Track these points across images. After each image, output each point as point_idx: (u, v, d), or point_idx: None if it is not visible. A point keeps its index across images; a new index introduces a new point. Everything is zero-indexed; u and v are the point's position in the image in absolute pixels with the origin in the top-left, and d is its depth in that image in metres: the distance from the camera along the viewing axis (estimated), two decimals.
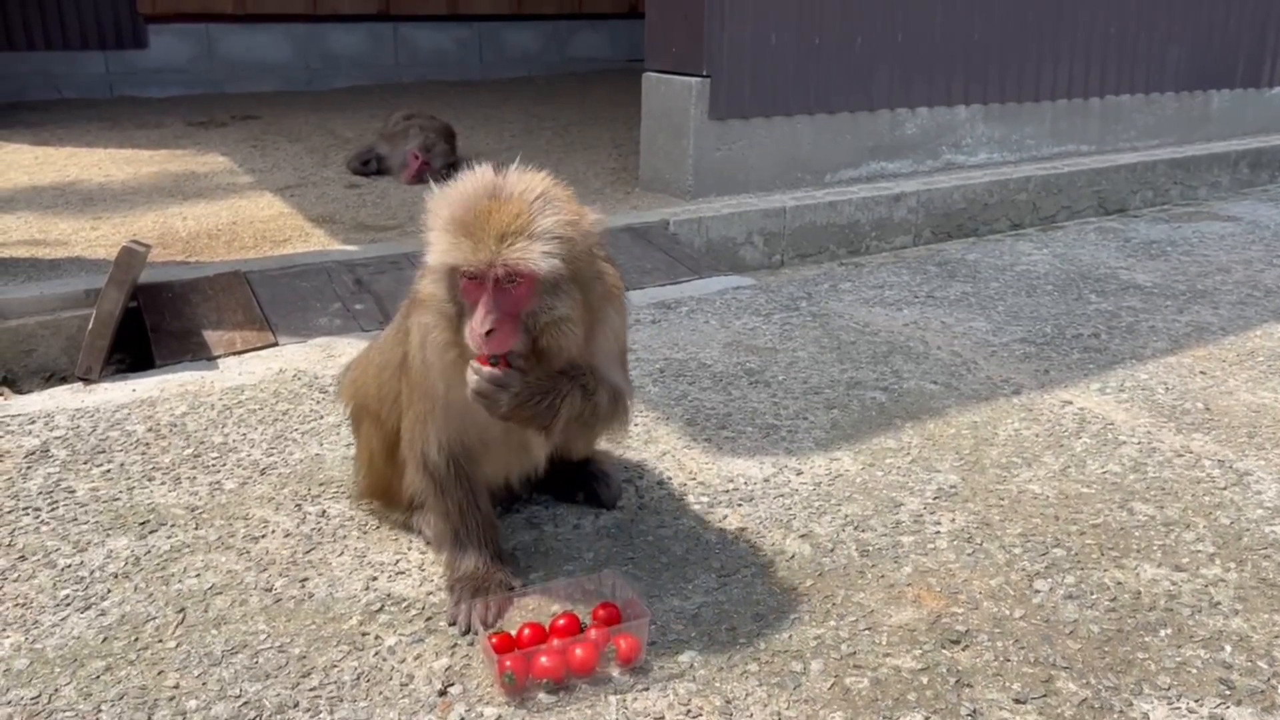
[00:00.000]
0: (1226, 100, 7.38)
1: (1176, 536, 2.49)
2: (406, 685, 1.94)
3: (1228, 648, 2.08)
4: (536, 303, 1.98)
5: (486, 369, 1.98)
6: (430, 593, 2.23)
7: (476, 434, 2.21)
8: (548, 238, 1.93)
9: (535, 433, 2.14)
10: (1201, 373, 3.53)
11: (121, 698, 1.90)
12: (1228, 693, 1.95)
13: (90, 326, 3.42)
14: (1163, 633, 2.12)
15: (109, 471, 2.75)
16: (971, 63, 6.09)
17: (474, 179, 2.01)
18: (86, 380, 3.34)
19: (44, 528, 2.48)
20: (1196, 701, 1.92)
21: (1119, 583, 2.29)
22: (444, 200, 2.01)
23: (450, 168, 6.16)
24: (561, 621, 2.01)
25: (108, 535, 2.44)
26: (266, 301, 3.97)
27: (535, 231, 1.93)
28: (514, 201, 1.95)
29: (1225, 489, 2.72)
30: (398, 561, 2.35)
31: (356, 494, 2.58)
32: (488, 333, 1.93)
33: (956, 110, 6.13)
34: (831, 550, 2.41)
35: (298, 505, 2.59)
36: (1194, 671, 2.01)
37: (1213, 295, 4.41)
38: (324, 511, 2.56)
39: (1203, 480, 2.76)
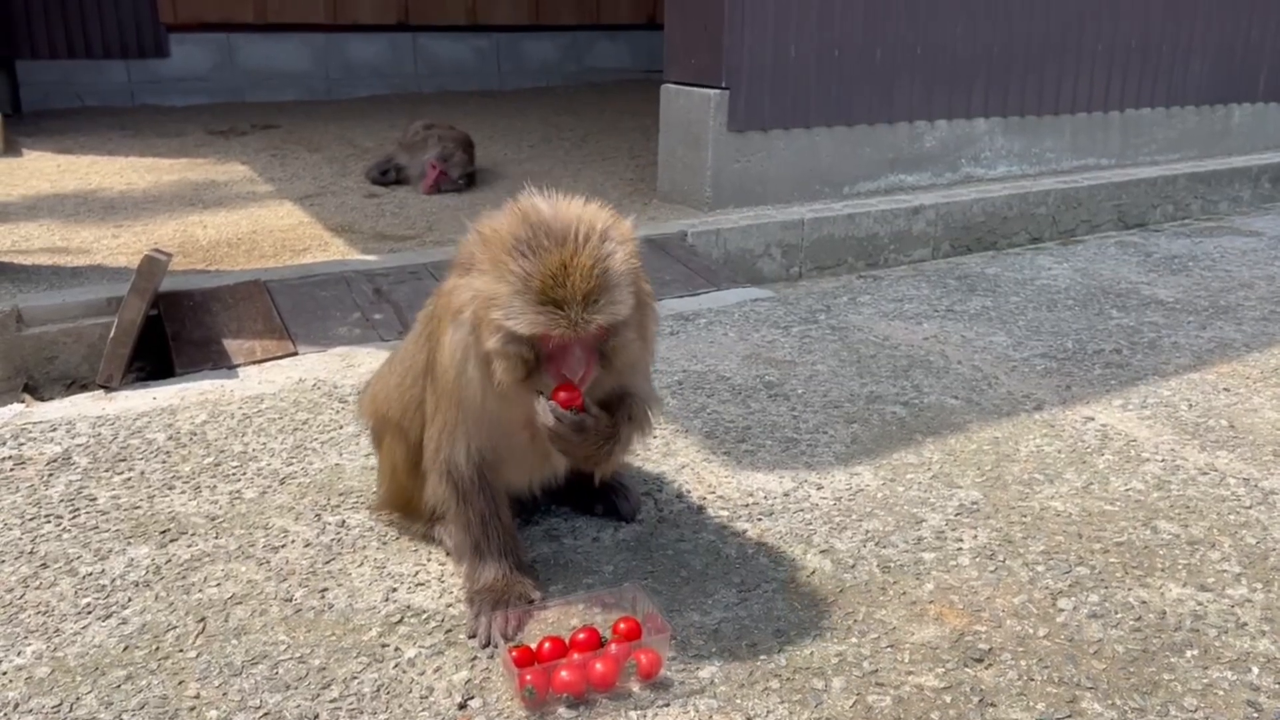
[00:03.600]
0: (1248, 114, 7.33)
1: (1202, 556, 2.46)
2: (426, 698, 1.93)
3: (1255, 669, 2.05)
4: (612, 333, 2.01)
5: (569, 414, 2.01)
6: (450, 605, 2.22)
7: (505, 443, 2.22)
8: (625, 283, 1.95)
9: (586, 466, 2.18)
10: (1225, 389, 3.50)
11: (143, 707, 1.90)
12: (1255, 715, 1.92)
13: (112, 334, 3.44)
14: (1189, 653, 2.10)
15: (130, 479, 2.76)
16: (992, 75, 6.07)
17: (528, 216, 1.97)
18: (107, 388, 3.36)
19: (65, 535, 2.49)
20: None
21: (1144, 602, 2.27)
22: (504, 245, 1.94)
23: (468, 178, 6.19)
24: (582, 635, 2.00)
25: (129, 543, 2.45)
26: (286, 310, 3.99)
27: (613, 280, 1.93)
28: (585, 252, 1.92)
29: (1251, 508, 2.69)
30: (417, 573, 2.35)
31: (376, 504, 2.58)
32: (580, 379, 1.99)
33: (976, 123, 6.12)
34: (853, 566, 2.39)
35: (317, 515, 2.59)
36: (1221, 693, 1.98)
37: (1236, 311, 4.38)
38: (344, 522, 2.56)
39: (1228, 499, 2.74)
